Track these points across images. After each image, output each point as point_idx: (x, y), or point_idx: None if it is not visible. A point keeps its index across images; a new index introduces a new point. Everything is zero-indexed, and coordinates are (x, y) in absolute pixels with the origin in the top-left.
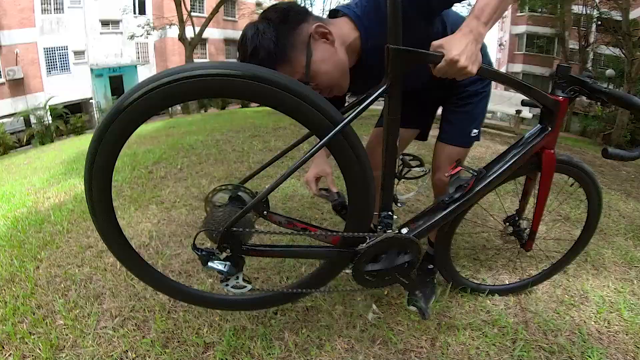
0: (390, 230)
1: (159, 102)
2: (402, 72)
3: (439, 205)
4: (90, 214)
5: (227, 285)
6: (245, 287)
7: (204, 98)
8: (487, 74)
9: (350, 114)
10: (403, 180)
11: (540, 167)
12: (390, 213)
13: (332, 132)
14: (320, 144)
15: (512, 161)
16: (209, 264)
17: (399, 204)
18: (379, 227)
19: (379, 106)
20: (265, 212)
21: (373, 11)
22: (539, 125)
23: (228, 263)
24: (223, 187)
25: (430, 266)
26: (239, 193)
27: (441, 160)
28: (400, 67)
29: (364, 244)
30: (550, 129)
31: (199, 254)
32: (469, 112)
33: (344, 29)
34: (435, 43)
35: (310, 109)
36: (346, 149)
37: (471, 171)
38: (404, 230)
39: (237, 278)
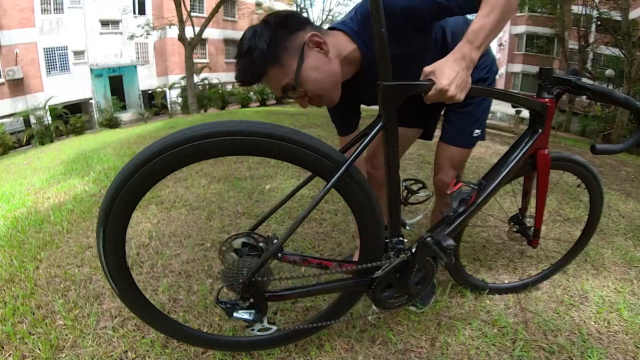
0: (403, 254)
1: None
2: (396, 105)
3: (445, 221)
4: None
5: (252, 329)
6: (270, 329)
7: (215, 157)
8: (476, 93)
9: (352, 155)
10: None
11: (536, 168)
12: (400, 238)
13: (338, 174)
14: (328, 186)
15: (509, 168)
16: (235, 314)
17: (407, 227)
18: (391, 252)
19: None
20: (279, 255)
21: (369, 23)
22: (529, 128)
23: (252, 311)
24: (235, 237)
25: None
26: (251, 240)
27: (442, 161)
28: (393, 102)
29: (380, 271)
30: (540, 130)
31: (224, 307)
32: (471, 112)
33: (341, 42)
34: (426, 69)
35: (315, 156)
36: (352, 185)
37: (472, 185)
38: (415, 250)
39: (262, 322)
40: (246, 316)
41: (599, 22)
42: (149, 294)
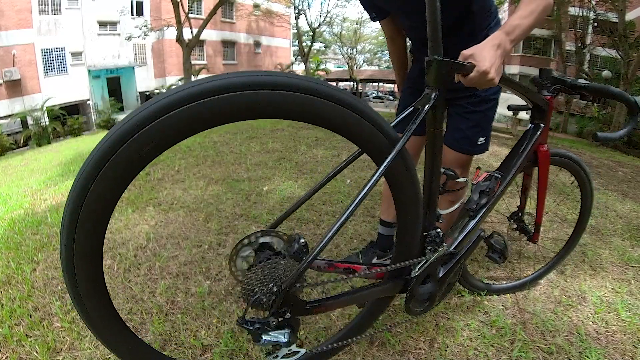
0: (441, 248)
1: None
2: (446, 82)
3: (467, 214)
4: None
5: (276, 357)
6: (299, 352)
7: (243, 120)
8: (503, 82)
9: (406, 132)
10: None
11: (536, 163)
12: (438, 231)
13: (392, 153)
14: (383, 166)
15: (521, 159)
16: (264, 337)
17: (440, 220)
18: (427, 247)
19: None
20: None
21: None
22: (531, 124)
23: (287, 330)
24: (252, 238)
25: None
26: (268, 240)
27: (447, 163)
28: (444, 77)
29: (417, 268)
30: (542, 125)
31: (252, 328)
32: (477, 121)
33: None
34: (465, 52)
35: (372, 128)
36: (401, 168)
37: (496, 174)
38: (446, 250)
39: (290, 344)
40: (281, 338)
41: (595, 24)
42: (147, 296)
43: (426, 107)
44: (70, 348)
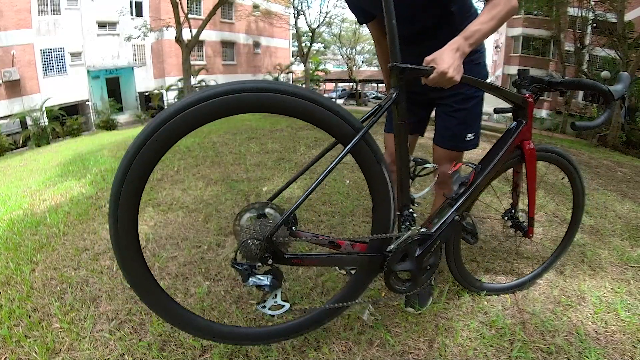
0: (414, 227)
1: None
2: (404, 83)
3: (448, 202)
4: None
5: (264, 307)
6: (284, 306)
7: (246, 112)
8: (467, 81)
9: (369, 123)
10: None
11: (524, 159)
12: (411, 210)
13: (356, 138)
14: (345, 150)
15: (501, 153)
16: (251, 279)
17: (415, 204)
18: (402, 226)
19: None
20: (293, 228)
21: None
22: (514, 122)
23: (269, 276)
24: (251, 206)
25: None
26: (267, 210)
27: (439, 159)
28: (403, 80)
29: (393, 244)
30: (524, 122)
31: (240, 268)
32: (463, 118)
33: None
34: (427, 58)
35: (338, 120)
36: (367, 152)
37: (470, 165)
38: (422, 231)
39: (276, 296)
40: (263, 280)
41: (594, 24)
42: None
43: (388, 103)
44: (69, 349)
